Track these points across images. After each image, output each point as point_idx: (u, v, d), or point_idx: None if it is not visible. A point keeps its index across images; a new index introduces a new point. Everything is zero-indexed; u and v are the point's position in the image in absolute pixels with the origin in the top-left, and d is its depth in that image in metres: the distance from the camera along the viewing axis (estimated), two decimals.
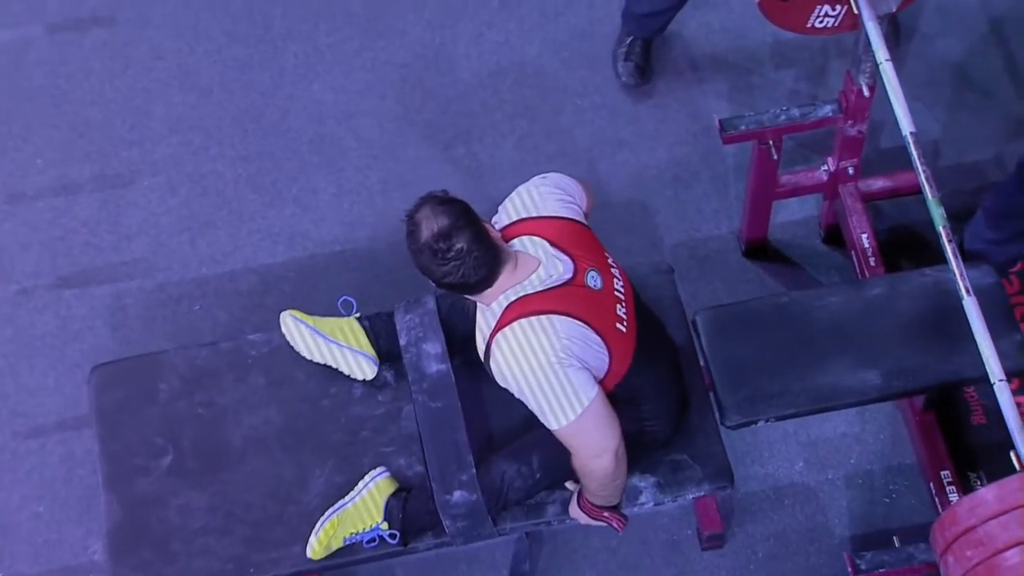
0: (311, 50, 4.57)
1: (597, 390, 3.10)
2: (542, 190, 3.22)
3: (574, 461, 3.21)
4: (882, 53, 3.38)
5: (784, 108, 3.74)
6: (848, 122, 3.76)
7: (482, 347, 3.18)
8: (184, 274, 4.22)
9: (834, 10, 3.53)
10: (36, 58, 4.57)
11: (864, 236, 3.95)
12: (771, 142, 3.75)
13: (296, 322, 3.53)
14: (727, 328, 3.53)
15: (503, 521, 3.41)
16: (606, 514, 3.33)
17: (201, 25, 4.62)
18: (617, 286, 3.20)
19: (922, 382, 3.46)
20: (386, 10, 4.63)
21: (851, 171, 3.95)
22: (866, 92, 3.66)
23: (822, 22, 3.57)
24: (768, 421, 3.46)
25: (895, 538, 3.39)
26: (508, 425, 3.43)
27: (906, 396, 3.59)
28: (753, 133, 3.72)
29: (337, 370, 3.53)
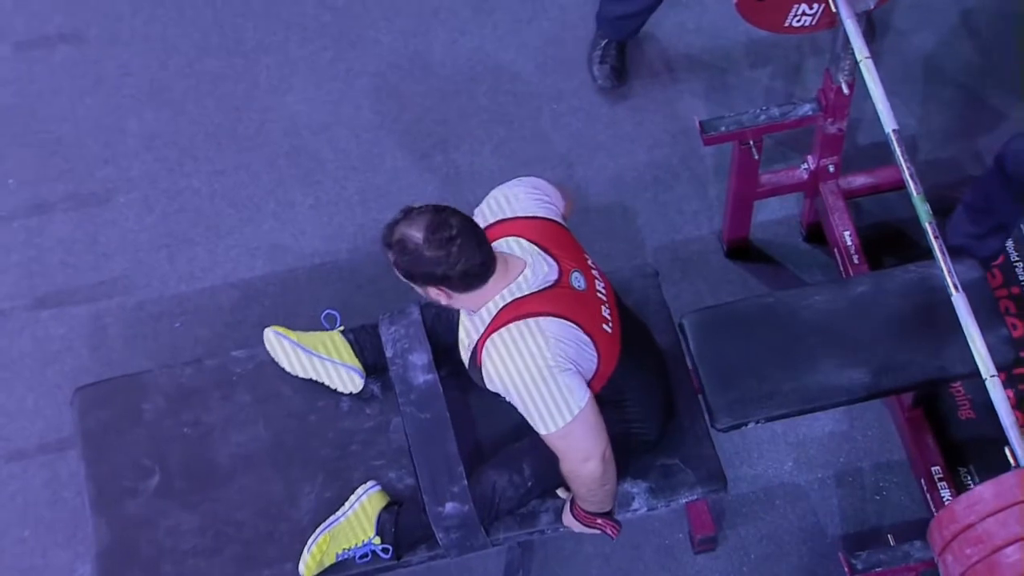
0: (284, 62, 4.54)
1: (589, 396, 3.09)
2: (517, 191, 3.21)
3: (562, 465, 3.20)
4: (862, 51, 3.38)
5: (764, 108, 3.74)
6: (828, 120, 3.76)
7: (467, 354, 3.17)
8: (163, 291, 4.19)
9: (811, 9, 3.52)
10: (4, 77, 4.53)
11: (847, 234, 3.95)
12: (752, 142, 3.75)
13: (279, 338, 3.50)
14: (714, 330, 3.52)
15: (496, 531, 3.39)
16: (599, 521, 3.32)
17: (171, 40, 4.59)
18: (599, 287, 3.19)
19: (911, 379, 3.46)
20: (358, 19, 4.60)
21: (832, 169, 3.95)
22: (845, 90, 3.66)
23: (799, 21, 3.56)
24: (759, 423, 3.45)
25: (890, 536, 3.38)
26: (497, 434, 3.41)
27: (895, 393, 3.59)
28: (733, 134, 3.72)
29: (324, 384, 3.50)
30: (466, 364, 3.21)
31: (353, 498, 3.36)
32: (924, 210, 3.22)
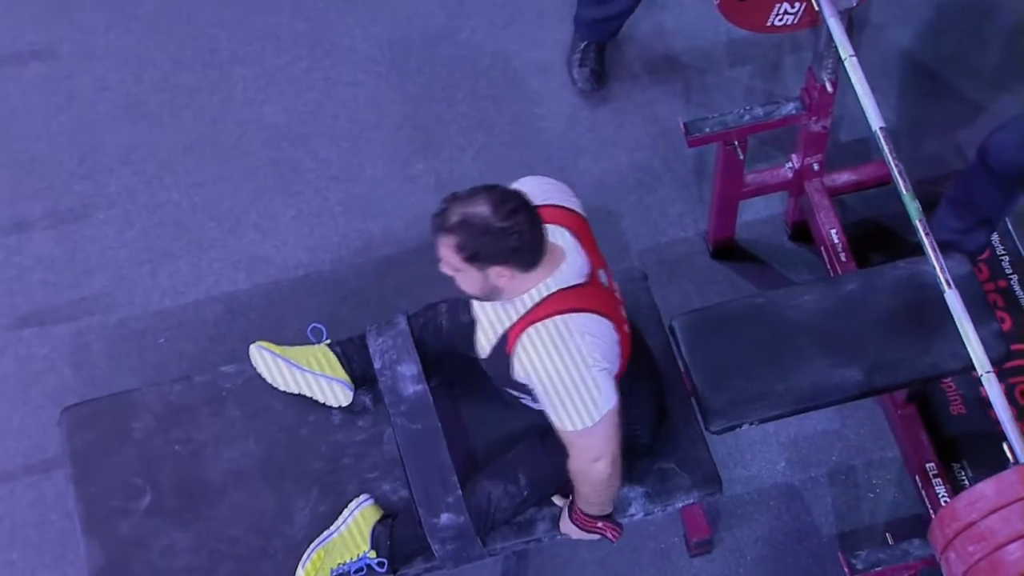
0: (260, 72, 4.50)
1: (617, 398, 3.06)
2: (546, 182, 3.16)
3: (571, 464, 3.15)
4: (846, 49, 3.38)
5: (748, 108, 3.73)
6: (812, 118, 3.76)
7: (490, 342, 3.10)
8: (146, 307, 4.14)
9: (793, 8, 3.52)
10: None
11: (833, 231, 3.94)
12: (736, 143, 3.74)
13: (266, 353, 3.47)
14: (705, 332, 3.51)
15: (492, 541, 3.37)
16: (599, 524, 3.30)
17: (144, 53, 4.55)
18: (616, 287, 3.18)
19: (904, 376, 3.45)
20: (333, 28, 4.58)
21: (816, 167, 3.95)
22: (829, 88, 3.65)
23: (781, 20, 3.56)
24: (753, 424, 3.44)
25: (888, 535, 3.38)
26: (490, 444, 3.39)
27: (888, 391, 3.59)
28: (718, 135, 3.71)
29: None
30: (484, 354, 3.15)
31: (346, 512, 3.34)
32: (914, 207, 3.22)
